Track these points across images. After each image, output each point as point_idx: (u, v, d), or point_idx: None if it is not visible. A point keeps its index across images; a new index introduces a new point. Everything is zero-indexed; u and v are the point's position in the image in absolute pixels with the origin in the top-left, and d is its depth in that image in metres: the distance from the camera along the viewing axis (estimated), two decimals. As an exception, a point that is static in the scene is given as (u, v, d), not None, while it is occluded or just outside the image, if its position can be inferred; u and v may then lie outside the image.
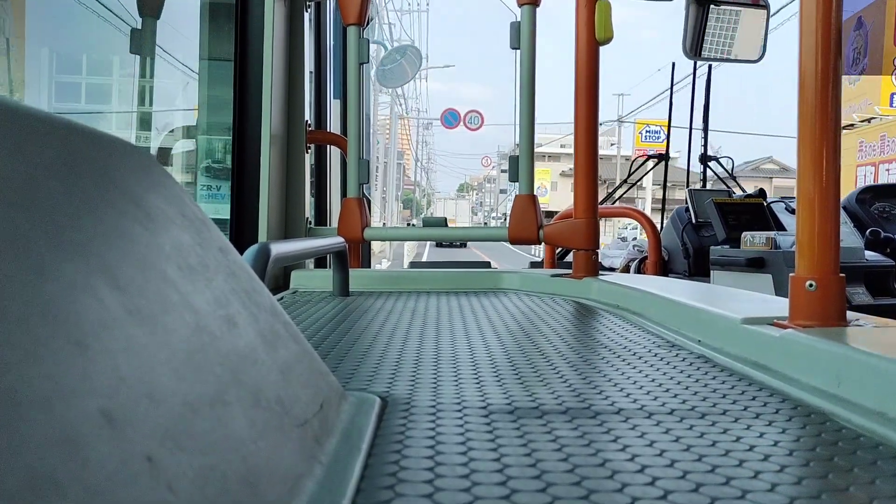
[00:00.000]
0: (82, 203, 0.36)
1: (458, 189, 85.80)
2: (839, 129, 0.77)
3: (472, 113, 31.13)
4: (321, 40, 2.45)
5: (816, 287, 0.76)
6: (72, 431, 0.25)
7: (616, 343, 0.96)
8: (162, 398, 0.31)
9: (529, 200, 1.79)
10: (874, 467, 0.48)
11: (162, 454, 0.29)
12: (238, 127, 1.96)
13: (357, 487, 0.42)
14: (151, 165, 0.47)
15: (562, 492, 0.42)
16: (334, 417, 0.52)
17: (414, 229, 2.35)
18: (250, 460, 0.35)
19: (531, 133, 1.81)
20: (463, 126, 30.66)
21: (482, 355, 0.86)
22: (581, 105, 1.63)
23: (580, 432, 0.55)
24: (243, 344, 0.43)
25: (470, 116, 31.03)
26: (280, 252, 1.07)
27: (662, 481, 0.44)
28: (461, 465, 0.47)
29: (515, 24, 1.78)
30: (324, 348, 0.91)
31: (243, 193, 1.95)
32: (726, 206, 3.27)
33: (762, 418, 0.60)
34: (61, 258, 0.31)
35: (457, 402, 0.63)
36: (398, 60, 5.60)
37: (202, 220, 0.49)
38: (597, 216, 1.66)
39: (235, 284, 0.48)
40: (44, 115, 0.38)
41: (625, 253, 3.83)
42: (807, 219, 0.77)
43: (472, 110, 31.31)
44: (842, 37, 0.77)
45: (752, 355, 0.79)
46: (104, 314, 0.31)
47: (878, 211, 3.52)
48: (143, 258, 0.38)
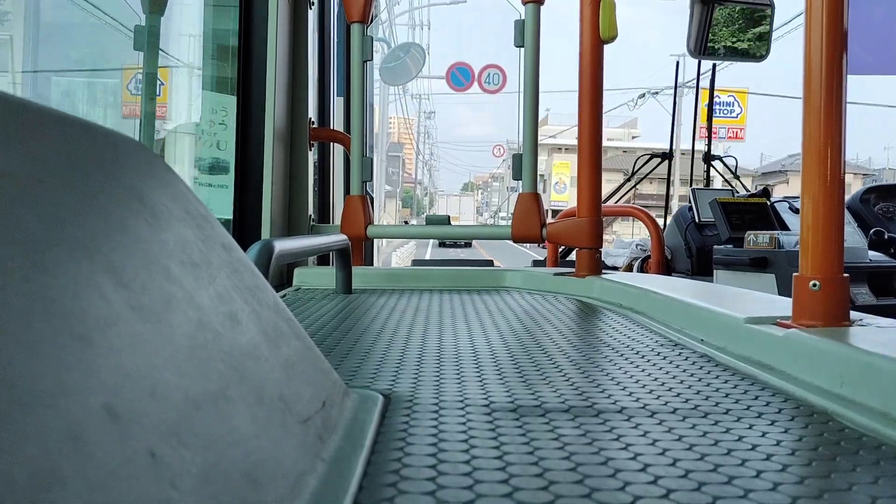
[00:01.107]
0: (86, 199, 0.36)
1: (462, 188, 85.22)
2: (844, 128, 0.76)
3: (490, 69, 20.88)
4: (325, 38, 2.45)
5: (820, 287, 0.76)
6: (75, 427, 0.25)
7: (619, 342, 0.96)
8: (165, 394, 0.31)
9: (533, 198, 1.79)
10: (877, 467, 0.48)
11: (165, 450, 0.29)
12: (242, 124, 1.97)
13: (360, 485, 0.42)
14: (155, 162, 0.47)
15: (564, 490, 0.42)
16: (337, 414, 0.52)
17: (416, 227, 2.35)
18: (253, 457, 0.35)
19: (535, 131, 1.81)
20: (478, 86, 20.65)
21: (485, 353, 0.86)
22: (585, 104, 1.63)
23: (583, 430, 0.55)
24: (246, 341, 0.43)
25: (488, 73, 20.81)
26: (283, 249, 1.07)
27: (665, 480, 0.44)
28: (464, 462, 0.47)
29: (520, 22, 1.78)
30: (327, 345, 0.91)
31: (247, 190, 1.95)
32: (729, 206, 3.26)
33: (765, 418, 0.60)
34: (65, 254, 0.31)
35: (459, 400, 0.63)
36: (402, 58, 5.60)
37: (205, 216, 0.50)
38: (600, 215, 1.66)
39: (238, 281, 0.48)
40: (48, 110, 0.38)
41: (628, 252, 3.82)
42: (811, 218, 0.77)
43: (490, 65, 21.06)
44: (847, 36, 0.77)
45: (756, 355, 0.79)
46: (108, 310, 0.31)
47: (881, 211, 3.51)
48: (147, 254, 0.38)
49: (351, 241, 1.63)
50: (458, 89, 21.00)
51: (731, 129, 28.33)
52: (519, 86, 1.89)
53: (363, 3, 1.86)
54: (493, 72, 20.96)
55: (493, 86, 20.96)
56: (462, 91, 21.10)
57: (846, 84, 0.77)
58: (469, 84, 20.80)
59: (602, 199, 1.74)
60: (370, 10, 1.89)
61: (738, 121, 28.54)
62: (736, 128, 28.53)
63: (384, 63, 5.63)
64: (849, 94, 0.78)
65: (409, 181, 52.99)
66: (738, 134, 28.62)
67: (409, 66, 5.60)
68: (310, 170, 2.07)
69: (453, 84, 20.81)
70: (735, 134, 28.48)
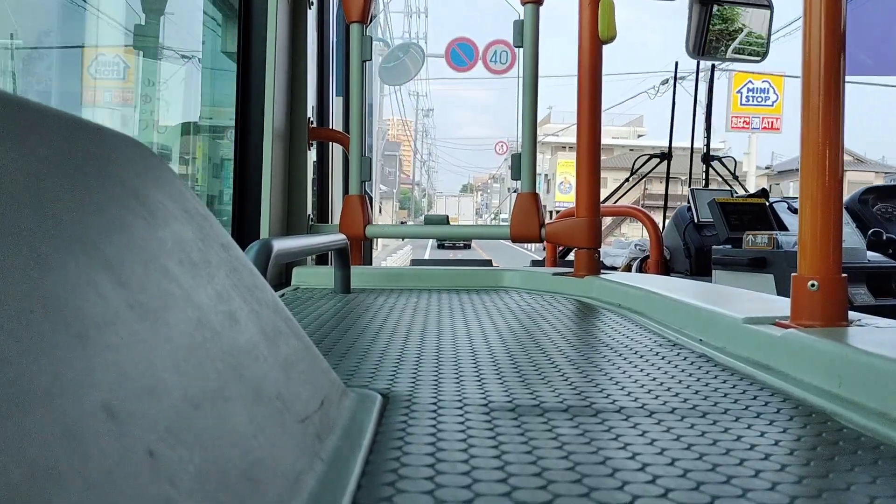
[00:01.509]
0: (84, 198, 0.36)
1: (462, 190, 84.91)
2: (842, 129, 0.77)
3: (496, 45, 16.54)
4: (324, 37, 2.45)
5: (818, 287, 0.76)
6: (73, 425, 0.25)
7: (617, 342, 0.96)
8: (163, 393, 0.31)
9: (532, 198, 1.79)
10: (875, 467, 0.48)
11: (163, 448, 0.29)
12: (241, 123, 1.97)
13: (358, 484, 0.42)
14: (153, 160, 0.47)
15: (562, 489, 0.42)
16: (335, 414, 0.52)
17: (415, 227, 2.36)
18: (251, 456, 0.35)
19: (534, 131, 1.81)
20: (482, 65, 16.45)
21: (483, 353, 0.86)
22: (584, 104, 1.63)
23: (581, 430, 0.55)
24: (244, 340, 0.43)
25: (494, 51, 16.54)
26: (282, 248, 1.07)
27: (663, 479, 0.44)
28: (462, 462, 0.47)
29: (519, 22, 1.78)
30: (325, 345, 0.91)
31: (246, 189, 1.95)
32: (728, 206, 3.26)
33: (763, 417, 0.60)
34: (63, 253, 0.31)
35: (458, 400, 0.63)
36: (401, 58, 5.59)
37: (204, 215, 0.50)
38: (599, 215, 1.66)
39: (237, 280, 0.48)
40: (46, 109, 0.38)
41: (626, 252, 3.82)
42: (809, 219, 0.77)
43: (496, 41, 16.67)
44: (845, 39, 0.77)
45: (754, 355, 0.79)
46: (106, 309, 0.31)
47: (880, 212, 3.51)
48: (145, 253, 0.38)
49: (350, 240, 1.63)
50: (460, 69, 16.95)
51: (766, 119, 24.35)
52: (518, 87, 1.89)
53: (362, 2, 1.86)
54: (500, 49, 16.60)
55: (501, 65, 16.78)
56: (464, 71, 16.99)
57: (844, 86, 0.77)
58: (472, 63, 16.88)
59: (601, 200, 1.74)
60: (369, 9, 1.89)
61: (774, 109, 24.25)
62: (771, 117, 24.32)
63: (383, 63, 5.62)
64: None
65: (407, 182, 52.18)
66: (774, 124, 24.29)
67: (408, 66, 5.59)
68: (309, 169, 2.07)
69: (454, 63, 16.88)
70: (770, 124, 24.27)
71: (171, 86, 3.32)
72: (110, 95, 3.32)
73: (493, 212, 58.15)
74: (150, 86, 3.26)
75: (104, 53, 3.20)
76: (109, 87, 3.27)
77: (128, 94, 3.29)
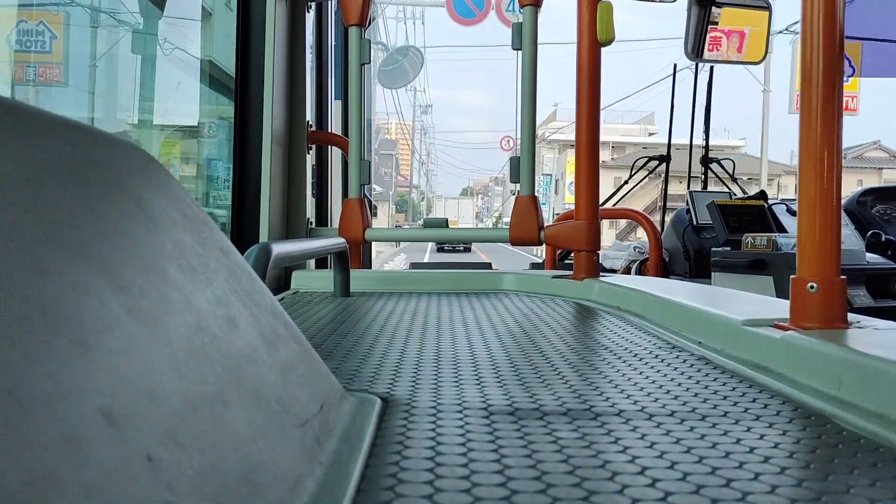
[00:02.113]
0: (84, 203, 0.36)
1: (462, 193, 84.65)
2: (840, 131, 0.77)
3: None
4: (322, 41, 2.45)
5: (817, 289, 0.76)
6: (72, 430, 0.25)
7: (617, 345, 0.96)
8: (162, 397, 0.31)
9: (531, 201, 1.79)
10: (875, 469, 0.48)
11: (162, 453, 0.29)
12: (240, 127, 1.97)
13: (357, 488, 0.42)
14: (153, 165, 0.47)
15: (562, 493, 0.42)
16: (335, 418, 0.52)
17: (414, 230, 2.36)
18: (250, 460, 0.35)
19: (532, 134, 1.81)
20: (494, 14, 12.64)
21: (483, 356, 0.86)
22: (583, 107, 1.63)
23: (581, 433, 0.55)
24: (244, 344, 0.43)
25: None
26: (281, 252, 1.07)
27: (663, 483, 0.44)
28: (461, 466, 0.47)
29: (517, 25, 1.78)
30: (324, 349, 0.91)
31: (245, 193, 1.95)
32: (727, 208, 3.26)
33: (763, 420, 0.60)
34: (62, 258, 0.31)
35: (457, 403, 0.63)
36: (399, 61, 5.60)
37: (203, 220, 0.50)
38: (598, 217, 1.66)
39: (236, 285, 0.48)
40: (46, 114, 0.38)
41: (625, 254, 3.82)
42: (808, 221, 0.77)
43: None
44: (843, 41, 0.77)
45: (753, 357, 0.79)
46: (105, 314, 0.31)
47: (879, 213, 3.51)
48: (145, 258, 0.38)
49: (349, 244, 1.63)
50: (467, 21, 13.22)
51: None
52: (516, 90, 1.88)
53: (360, 6, 1.86)
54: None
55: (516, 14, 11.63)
56: (472, 24, 13.30)
57: (842, 88, 0.77)
58: (482, 15, 13.05)
59: (600, 202, 1.74)
60: (368, 13, 1.90)
61: (849, 86, 16.17)
62: (846, 96, 20.06)
63: (382, 66, 5.63)
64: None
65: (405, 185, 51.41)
66: (849, 104, 15.79)
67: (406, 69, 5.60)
68: (308, 173, 2.07)
69: (458, 14, 13.07)
70: (846, 104, 20.56)
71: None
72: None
73: (494, 215, 57.65)
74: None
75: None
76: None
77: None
